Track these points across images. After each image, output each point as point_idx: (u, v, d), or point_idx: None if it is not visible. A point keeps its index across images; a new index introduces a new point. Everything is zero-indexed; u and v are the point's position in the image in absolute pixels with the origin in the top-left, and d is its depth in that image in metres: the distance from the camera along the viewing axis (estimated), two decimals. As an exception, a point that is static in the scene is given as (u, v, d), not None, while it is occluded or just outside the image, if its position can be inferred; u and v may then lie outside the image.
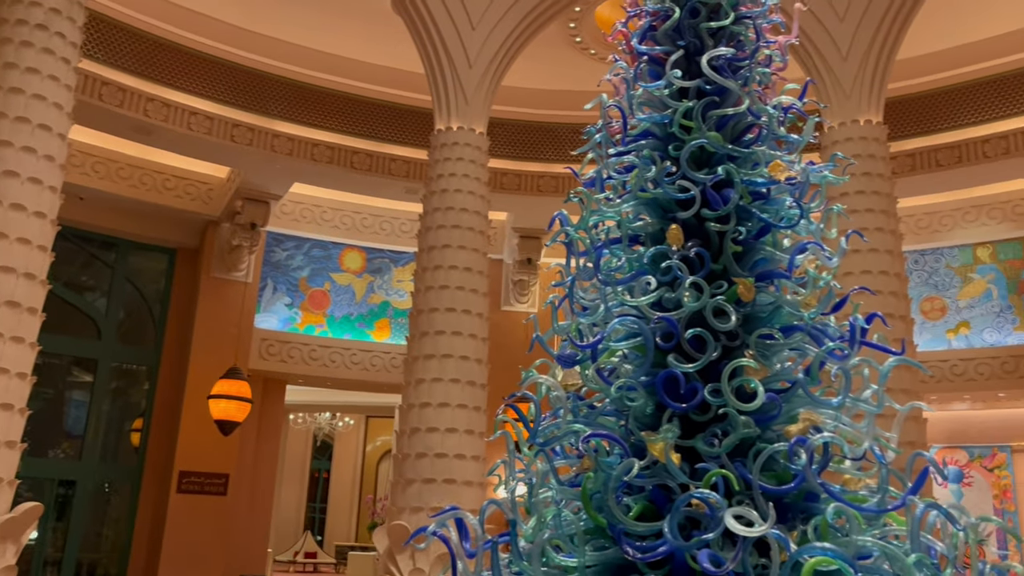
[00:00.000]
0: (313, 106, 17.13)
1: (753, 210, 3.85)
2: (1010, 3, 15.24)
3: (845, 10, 13.20)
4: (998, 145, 16.02)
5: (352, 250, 19.43)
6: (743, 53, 4.18)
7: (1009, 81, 16.15)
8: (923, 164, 16.65)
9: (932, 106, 16.81)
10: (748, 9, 4.30)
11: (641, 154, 4.08)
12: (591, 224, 4.09)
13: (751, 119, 4.07)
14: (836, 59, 13.17)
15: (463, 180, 12.75)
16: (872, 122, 12.96)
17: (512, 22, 13.94)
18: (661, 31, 4.31)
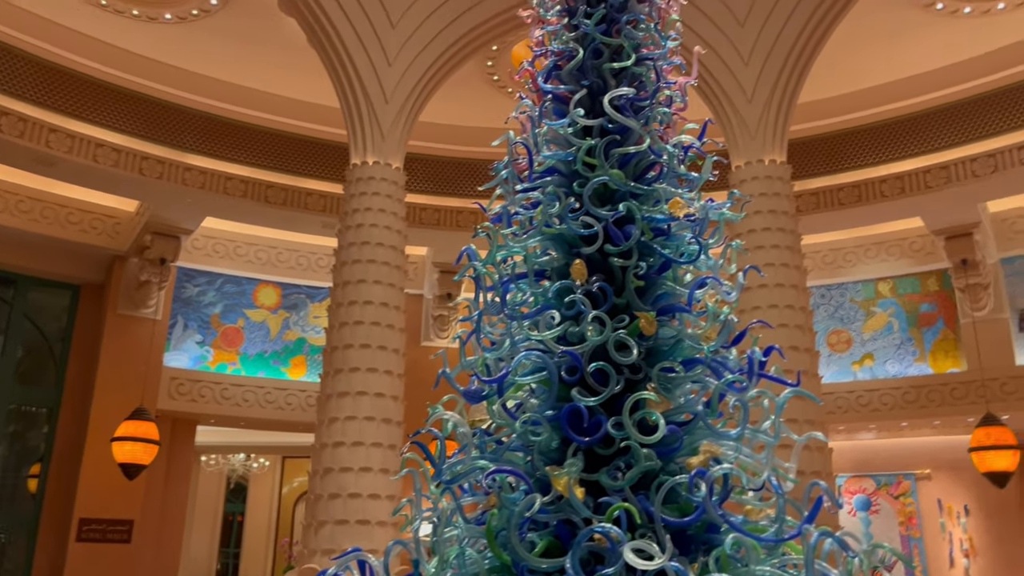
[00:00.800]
0: (227, 139, 16.83)
1: (654, 246, 3.94)
2: (904, 51, 16.16)
3: (749, 54, 13.75)
4: (895, 185, 16.86)
5: (267, 285, 19.04)
6: (644, 93, 4.30)
7: (903, 125, 17.07)
8: (826, 202, 17.39)
9: (834, 147, 17.60)
10: (649, 51, 4.43)
11: (546, 190, 4.14)
12: (498, 259, 4.12)
13: (652, 157, 4.17)
14: (741, 101, 13.68)
15: (379, 215, 12.68)
16: (776, 161, 13.46)
17: (429, 59, 14.04)
18: (566, 71, 4.40)
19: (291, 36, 14.98)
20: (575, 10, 4.47)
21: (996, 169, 15.84)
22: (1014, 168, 15.63)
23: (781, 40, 13.61)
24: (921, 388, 17.45)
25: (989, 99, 16.27)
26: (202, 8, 15.18)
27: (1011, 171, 15.67)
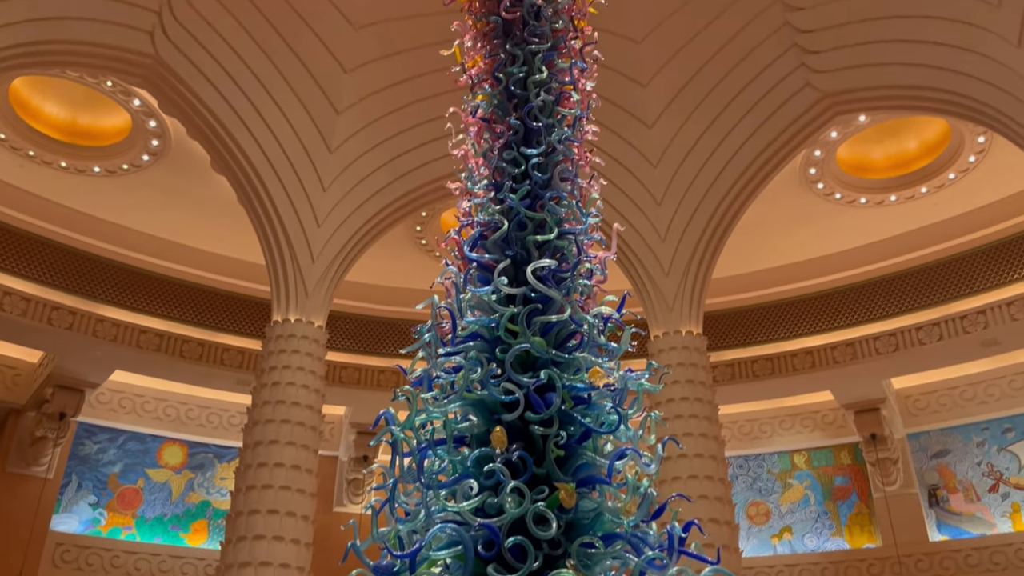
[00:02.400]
0: (145, 291, 16.51)
1: (575, 415, 3.93)
2: (811, 234, 17.28)
3: (666, 231, 14.48)
4: (805, 359, 17.52)
5: (173, 444, 18.13)
6: (566, 265, 4.43)
7: (812, 302, 17.97)
8: (742, 374, 17.87)
9: (748, 321, 18.32)
10: (571, 226, 4.61)
11: (469, 355, 4.13)
12: (417, 423, 4.03)
13: (573, 327, 4.24)
14: (659, 274, 14.25)
15: (297, 373, 12.43)
16: (693, 333, 13.90)
17: (358, 222, 14.31)
18: (491, 241, 4.52)
19: (219, 193, 15.12)
20: (501, 185, 4.66)
21: (898, 348, 16.66)
22: (914, 347, 16.46)
23: (696, 218, 14.42)
24: (839, 564, 17.40)
25: (889, 281, 17.36)
26: (133, 163, 15.30)
27: (912, 350, 16.49)
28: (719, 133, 14.19)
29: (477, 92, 5.20)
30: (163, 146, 15.01)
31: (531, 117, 4.76)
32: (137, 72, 12.49)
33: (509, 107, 4.92)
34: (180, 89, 12.75)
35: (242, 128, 13.38)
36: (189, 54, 12.62)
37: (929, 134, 15.89)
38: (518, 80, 4.91)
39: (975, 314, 16.00)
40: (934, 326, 16.40)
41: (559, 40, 5.09)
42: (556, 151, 4.72)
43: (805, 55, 13.26)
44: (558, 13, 5.15)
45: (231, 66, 13.10)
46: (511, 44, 5.02)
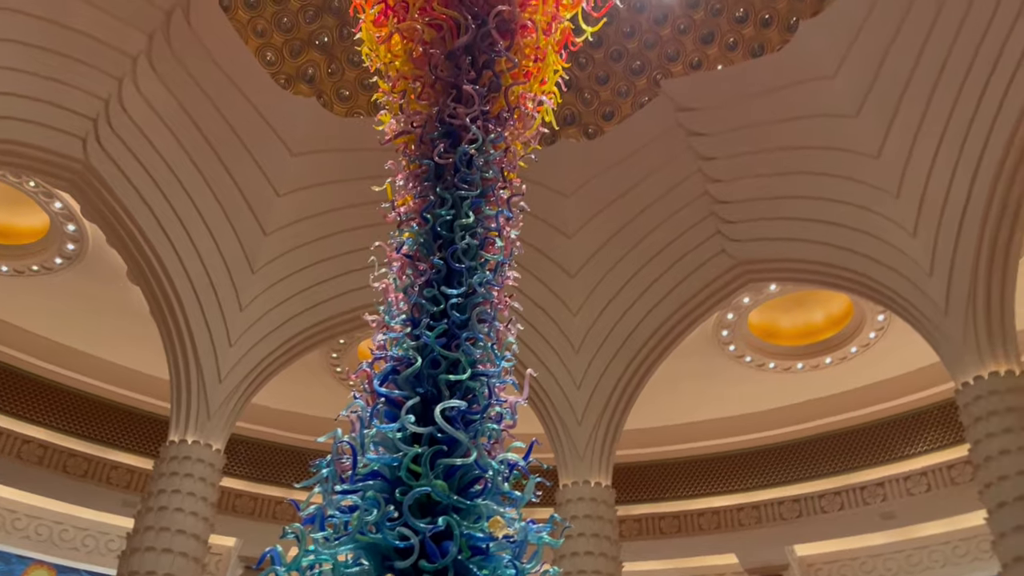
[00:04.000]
0: (31, 397, 15.61)
1: (471, 567, 3.78)
2: (722, 395, 17.65)
3: (581, 378, 14.60)
4: (711, 519, 17.50)
5: (40, 567, 16.66)
6: (476, 407, 4.38)
7: (721, 462, 18.14)
8: (649, 530, 17.68)
9: (658, 476, 18.32)
10: (484, 368, 4.59)
11: (366, 495, 3.98)
12: (304, 565, 3.81)
13: (478, 472, 4.15)
14: (572, 421, 14.25)
15: (187, 499, 11.74)
16: (602, 484, 13.78)
17: (272, 344, 14.03)
18: (403, 376, 4.46)
19: (130, 303, 14.69)
20: (419, 321, 4.65)
21: (801, 514, 16.83)
22: (817, 515, 16.66)
23: (611, 368, 14.62)
24: None
25: (794, 447, 17.74)
26: (44, 265, 14.83)
27: (814, 517, 16.67)
28: (638, 288, 14.65)
29: (404, 229, 5.27)
30: (79, 251, 14.64)
31: (454, 258, 4.83)
32: (64, 176, 12.34)
33: (434, 247, 4.99)
34: (106, 196, 12.60)
35: (164, 240, 13.20)
36: (120, 163, 12.56)
37: (834, 308, 16.73)
38: (445, 222, 5.01)
39: (874, 486, 16.39)
40: (836, 495, 16.69)
41: (488, 188, 5.25)
42: (476, 293, 4.77)
43: (722, 223, 14.00)
44: (489, 164, 5.33)
45: (162, 179, 13.06)
46: (441, 187, 5.15)
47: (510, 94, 5.71)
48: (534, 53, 5.97)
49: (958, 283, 11.81)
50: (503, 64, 5.63)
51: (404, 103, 5.80)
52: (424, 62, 5.68)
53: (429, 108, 5.59)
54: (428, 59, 5.64)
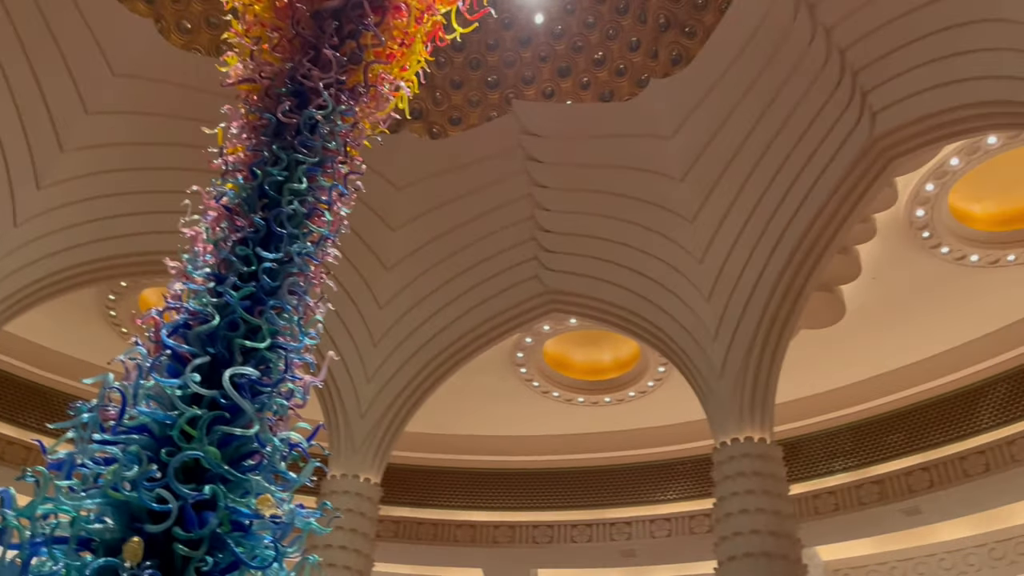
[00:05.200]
0: None
1: (229, 542, 3.57)
2: (509, 415, 18.06)
3: (374, 372, 14.43)
4: (467, 532, 17.80)
5: None
6: (268, 380, 4.17)
7: (488, 477, 18.53)
8: (406, 534, 17.69)
9: (425, 482, 18.41)
10: (285, 341, 4.39)
11: (128, 449, 3.66)
12: (39, 513, 3.43)
13: (256, 446, 3.94)
14: (355, 414, 14.03)
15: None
16: (371, 481, 13.63)
17: (45, 269, 12.77)
18: (195, 332, 4.16)
19: None
20: (224, 278, 4.36)
21: (552, 540, 17.52)
22: (566, 543, 17.41)
23: (406, 368, 14.57)
24: None
25: (560, 476, 18.48)
26: None
27: (563, 545, 17.42)
28: (448, 295, 14.74)
29: (228, 180, 4.96)
30: None
31: (277, 222, 4.59)
32: None
33: (258, 205, 4.72)
34: None
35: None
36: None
37: (623, 351, 17.66)
38: (275, 182, 4.76)
39: (622, 524, 17.39)
40: (587, 527, 17.54)
41: (328, 159, 5.06)
42: (293, 262, 4.55)
43: (540, 250, 14.42)
44: (334, 134, 5.14)
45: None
46: (278, 146, 4.90)
47: (370, 71, 5.56)
48: (402, 37, 5.85)
49: (735, 351, 12.84)
50: (368, 39, 5.47)
51: (256, 51, 5.48)
52: (287, 14, 5.41)
53: (282, 63, 5.32)
54: (292, 12, 5.38)
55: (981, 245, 13.93)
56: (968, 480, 14.37)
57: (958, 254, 14.04)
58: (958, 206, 13.82)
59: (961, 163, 12.77)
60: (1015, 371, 14.77)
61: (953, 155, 12.63)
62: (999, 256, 13.95)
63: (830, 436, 16.63)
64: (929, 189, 13.17)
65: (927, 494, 14.81)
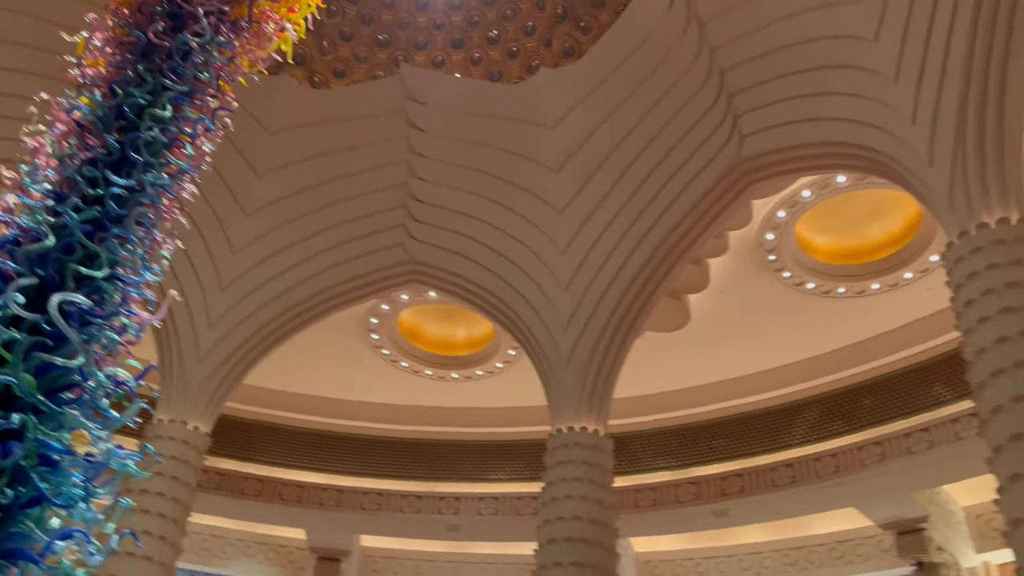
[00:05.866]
0: None
1: (34, 476, 3.35)
2: (355, 379, 17.84)
3: (218, 318, 13.90)
4: (294, 492, 17.48)
5: None
6: (101, 311, 3.92)
7: (320, 439, 18.30)
8: (229, 487, 17.15)
9: (254, 437, 17.98)
10: (125, 273, 4.14)
11: (-70, 368, 3.37)
12: None
13: (78, 378, 3.71)
14: (192, 358, 13.48)
15: None
16: (200, 430, 13.16)
17: None
18: (24, 250, 3.86)
19: None
20: (66, 198, 4.07)
21: (380, 508, 17.52)
22: (392, 512, 17.45)
23: (254, 317, 14.11)
24: None
25: (394, 446, 18.51)
26: None
27: (389, 514, 17.45)
28: (309, 250, 14.39)
29: (84, 94, 4.62)
30: None
31: (133, 147, 4.31)
32: None
33: (113, 126, 4.41)
34: None
35: None
36: None
37: (477, 331, 17.83)
38: (136, 105, 4.46)
39: (451, 498, 17.62)
40: (417, 498, 17.66)
41: (198, 90, 4.79)
42: (145, 192, 4.29)
43: (409, 219, 14.31)
44: (208, 65, 4.87)
45: None
46: (145, 67, 4.59)
47: (255, 6, 5.31)
48: (295, -24, 5.63)
49: (584, 343, 13.22)
50: (259, -29, 5.23)
51: (133, -39, 5.13)
52: (172, -71, 5.09)
53: (162, -21, 5.01)
54: (179, -74, 5.06)
55: (818, 275, 14.96)
56: (775, 490, 15.46)
57: (797, 280, 15.02)
58: (804, 235, 14.78)
59: (812, 196, 13.64)
60: (828, 395, 16.02)
61: (806, 187, 13.48)
62: (832, 287, 15.03)
63: (658, 435, 17.48)
64: (781, 216, 14.00)
65: (737, 498, 15.83)
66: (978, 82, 9.00)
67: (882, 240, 14.72)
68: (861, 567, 16.55)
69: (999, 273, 7.95)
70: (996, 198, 8.53)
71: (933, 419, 14.16)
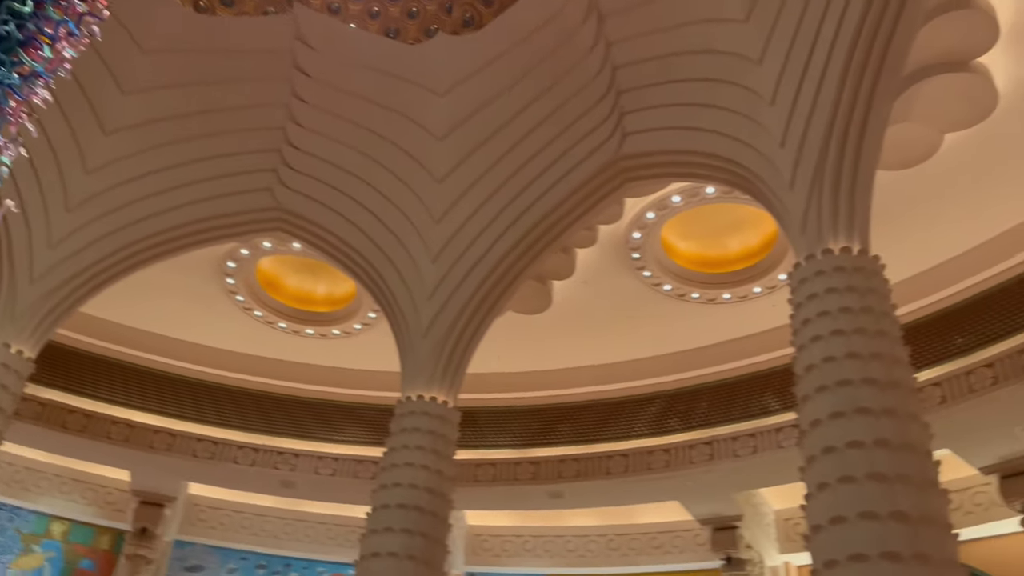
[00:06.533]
0: None
1: None
2: (199, 323, 17.15)
3: (60, 239, 13.08)
4: (123, 431, 16.69)
5: None
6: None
7: (170, 384, 17.60)
8: (52, 418, 16.19)
9: (88, 369, 17.06)
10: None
11: None
12: None
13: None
14: (24, 278, 12.63)
15: None
16: (23, 354, 12.36)
17: None
18: None
19: None
20: None
21: (213, 456, 17.01)
22: (225, 463, 16.99)
23: (101, 243, 13.31)
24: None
25: (241, 395, 18.01)
26: None
27: (222, 464, 16.99)
28: (173, 180, 13.73)
29: (-66, -29, 4.18)
30: None
31: (-16, 39, 3.96)
32: None
33: (-36, 13, 4.03)
34: None
35: None
36: None
37: (339, 289, 17.50)
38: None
39: (290, 455, 17.32)
40: (253, 450, 17.26)
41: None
42: (-10, 89, 3.95)
43: (281, 164, 13.89)
44: (81, -34, 4.53)
45: None
46: (9, -45, 4.22)
47: (142, -89, 4.97)
48: None
49: (445, 316, 13.24)
50: None
51: None
52: None
53: None
54: None
55: (676, 278, 15.59)
56: (609, 477, 16.10)
57: (656, 280, 15.59)
58: (668, 239, 15.35)
59: (681, 201, 14.17)
60: (668, 393, 16.78)
61: (677, 193, 13.98)
62: (687, 291, 15.71)
63: (505, 414, 17.80)
64: (649, 217, 14.47)
65: (573, 482, 16.37)
66: (843, 118, 9.58)
67: (739, 253, 15.49)
68: (677, 558, 17.52)
69: (835, 297, 8.54)
70: (843, 228, 9.15)
71: (760, 426, 15.13)
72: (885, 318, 8.47)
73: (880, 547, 6.80)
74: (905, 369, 8.19)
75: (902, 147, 11.51)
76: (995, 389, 12.46)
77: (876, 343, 8.13)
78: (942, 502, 7.32)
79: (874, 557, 6.77)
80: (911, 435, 7.54)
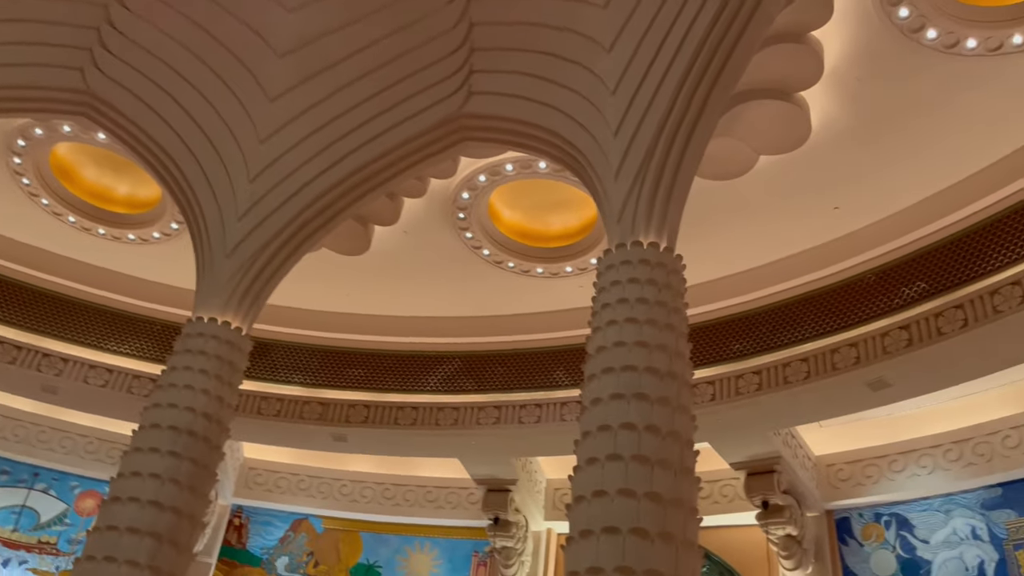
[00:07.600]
0: None
1: None
2: None
3: None
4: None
5: None
6: None
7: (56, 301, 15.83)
8: None
9: None
10: None
11: None
12: None
13: None
14: None
15: None
16: None
17: None
18: None
19: None
20: None
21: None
22: None
23: None
24: None
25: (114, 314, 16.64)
26: None
27: None
28: None
29: None
30: None
31: None
32: None
33: None
34: None
35: None
36: None
37: (142, 192, 16.34)
38: None
39: (57, 358, 16.14)
40: (16, 347, 16.03)
41: None
42: None
43: (98, 45, 12.59)
44: None
45: None
46: None
47: None
48: None
49: (256, 237, 12.64)
50: None
51: None
52: None
53: None
54: None
55: (496, 245, 15.83)
56: (396, 428, 16.38)
57: (477, 244, 15.74)
58: (495, 205, 15.52)
59: (514, 171, 14.35)
60: (467, 354, 17.08)
61: (511, 162, 14.13)
62: (504, 260, 15.99)
63: (300, 350, 17.49)
64: (481, 180, 14.55)
65: (359, 427, 16.39)
66: (674, 122, 10.00)
67: (559, 231, 15.94)
68: (449, 513, 18.04)
69: (636, 288, 8.96)
70: (655, 224, 9.59)
71: (547, 398, 15.78)
72: (676, 314, 8.99)
73: (632, 523, 7.26)
74: (685, 364, 8.75)
75: (720, 160, 12.25)
76: (759, 395, 13.79)
77: (663, 335, 8.62)
78: (693, 489, 7.92)
79: (625, 531, 7.21)
80: (678, 424, 8.08)
